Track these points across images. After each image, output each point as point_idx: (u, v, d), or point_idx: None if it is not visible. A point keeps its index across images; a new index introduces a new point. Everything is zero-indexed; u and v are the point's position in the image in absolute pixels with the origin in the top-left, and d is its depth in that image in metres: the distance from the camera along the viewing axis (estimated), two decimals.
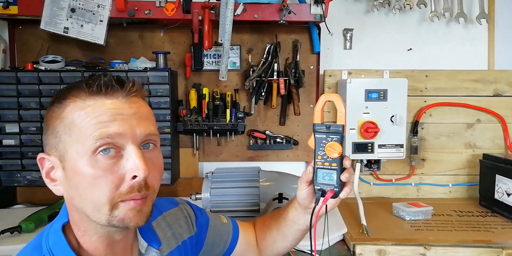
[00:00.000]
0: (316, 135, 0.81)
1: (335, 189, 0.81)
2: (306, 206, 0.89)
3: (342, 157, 0.81)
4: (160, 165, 0.73)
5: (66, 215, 0.72)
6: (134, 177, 0.66)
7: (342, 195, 0.82)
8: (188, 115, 1.76)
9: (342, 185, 0.82)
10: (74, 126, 0.65)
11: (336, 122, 0.81)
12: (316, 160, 0.81)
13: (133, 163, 0.65)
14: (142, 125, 0.68)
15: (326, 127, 0.80)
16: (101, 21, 1.57)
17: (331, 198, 0.81)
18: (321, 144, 0.80)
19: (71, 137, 0.65)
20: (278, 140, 1.86)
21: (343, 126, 0.79)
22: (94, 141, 0.64)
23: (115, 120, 0.65)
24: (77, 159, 0.65)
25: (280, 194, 1.40)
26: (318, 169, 0.82)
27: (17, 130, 1.64)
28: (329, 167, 0.80)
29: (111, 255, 0.73)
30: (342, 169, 0.81)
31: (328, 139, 0.80)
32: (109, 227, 0.68)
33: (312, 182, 0.83)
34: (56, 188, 0.70)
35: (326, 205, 0.84)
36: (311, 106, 1.87)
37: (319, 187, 0.82)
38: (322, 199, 0.82)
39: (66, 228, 0.72)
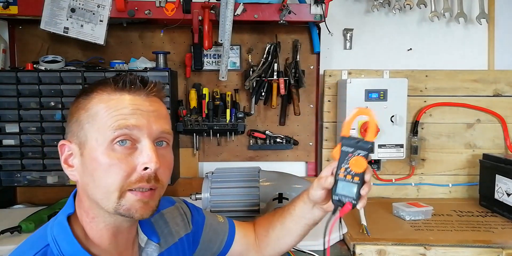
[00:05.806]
0: (343, 148, 0.81)
1: (353, 201, 0.81)
2: (317, 202, 0.89)
3: (364, 171, 0.81)
4: (171, 163, 0.77)
5: (71, 206, 0.75)
6: (145, 168, 0.70)
7: (359, 206, 0.82)
8: (188, 115, 1.76)
9: (359, 197, 0.82)
10: (97, 116, 0.70)
11: (364, 138, 0.80)
12: (339, 171, 0.81)
13: (146, 155, 0.70)
14: (159, 122, 0.73)
15: (355, 142, 0.80)
16: (101, 21, 1.57)
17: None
18: (347, 158, 0.80)
19: (93, 126, 0.70)
20: (278, 140, 1.86)
21: (372, 144, 0.79)
22: (113, 131, 0.68)
23: (135, 114, 0.70)
24: (95, 147, 0.69)
25: (280, 194, 1.40)
26: (339, 181, 0.82)
27: (17, 130, 1.64)
28: (351, 180, 0.80)
29: (115, 245, 0.76)
30: (362, 183, 0.81)
31: (355, 153, 0.80)
32: (116, 215, 0.71)
33: (331, 190, 0.83)
34: (72, 174, 0.74)
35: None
36: (311, 106, 1.87)
37: (337, 198, 0.82)
38: (339, 211, 0.82)
39: (71, 219, 0.74)
